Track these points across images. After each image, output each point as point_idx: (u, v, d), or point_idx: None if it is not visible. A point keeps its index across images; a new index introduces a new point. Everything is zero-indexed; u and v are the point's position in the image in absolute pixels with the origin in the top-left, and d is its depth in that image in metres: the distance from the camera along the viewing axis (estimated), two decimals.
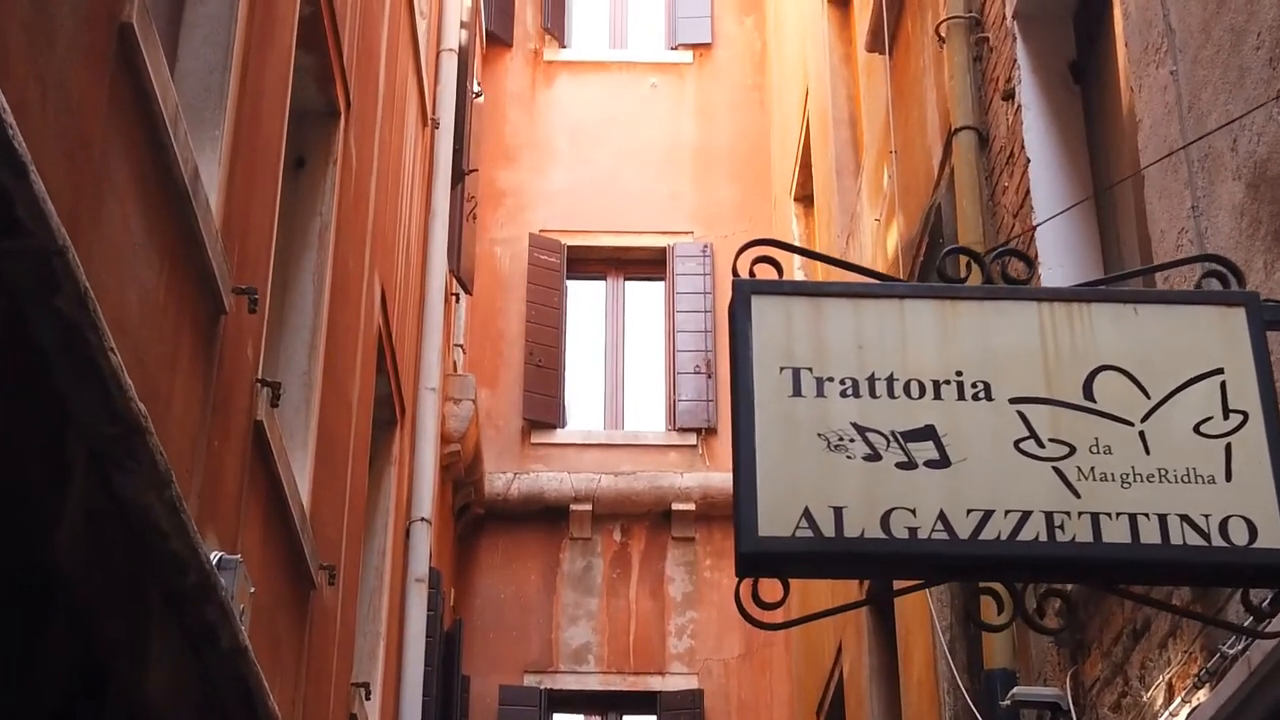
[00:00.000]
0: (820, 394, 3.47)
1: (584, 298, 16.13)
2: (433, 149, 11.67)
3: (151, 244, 4.50)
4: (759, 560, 3.35)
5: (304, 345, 7.28)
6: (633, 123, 16.50)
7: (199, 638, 4.77)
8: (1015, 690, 6.04)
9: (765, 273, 3.64)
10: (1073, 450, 3.51)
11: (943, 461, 3.44)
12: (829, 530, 3.33)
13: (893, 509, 3.38)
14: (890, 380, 3.51)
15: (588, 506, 14.79)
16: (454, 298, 13.50)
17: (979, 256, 3.79)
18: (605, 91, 16.69)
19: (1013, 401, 3.54)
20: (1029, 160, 6.59)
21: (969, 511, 3.40)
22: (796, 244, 13.99)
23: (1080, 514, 3.45)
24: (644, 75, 16.80)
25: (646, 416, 15.58)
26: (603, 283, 16.21)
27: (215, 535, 5.27)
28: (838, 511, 3.35)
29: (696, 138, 16.48)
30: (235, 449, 5.62)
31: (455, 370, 13.54)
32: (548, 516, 14.83)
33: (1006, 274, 3.74)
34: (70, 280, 3.32)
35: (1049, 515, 3.43)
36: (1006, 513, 3.42)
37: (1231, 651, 4.26)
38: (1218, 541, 3.48)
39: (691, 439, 15.16)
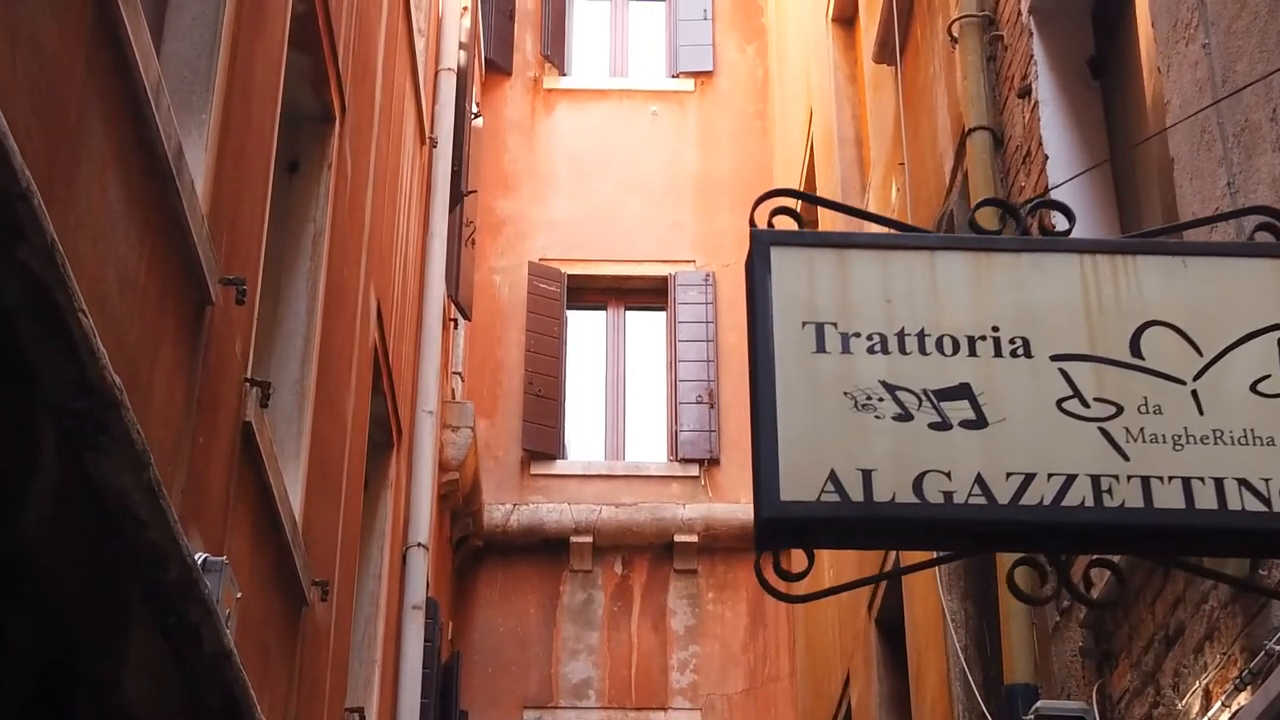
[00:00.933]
0: (846, 350, 3.23)
1: (584, 327, 15.90)
2: (430, 168, 11.45)
3: (132, 220, 4.26)
4: (781, 527, 3.09)
5: (296, 353, 7.04)
6: (633, 151, 16.29)
7: (181, 639, 4.50)
8: (1039, 705, 5.77)
9: (784, 228, 3.39)
10: (1120, 410, 3.26)
11: (979, 422, 3.19)
12: (857, 494, 3.08)
13: (926, 472, 3.12)
14: (921, 336, 3.26)
15: (588, 538, 14.51)
16: (452, 323, 13.26)
17: (1014, 208, 3.55)
18: (606, 119, 16.49)
19: (1054, 359, 3.29)
20: (1047, 157, 6.37)
21: (1009, 475, 3.15)
22: None
23: (1129, 478, 3.19)
24: (645, 103, 16.60)
25: (648, 447, 15.31)
26: (603, 313, 15.97)
27: (200, 536, 5.02)
28: (866, 475, 3.10)
29: (698, 166, 16.27)
30: (222, 449, 5.37)
31: (454, 398, 13.29)
32: (548, 548, 14.55)
33: (1044, 228, 3.50)
34: (36, 230, 3.08)
35: (1095, 479, 3.18)
36: (1049, 476, 3.16)
37: (1279, 648, 4.00)
38: None
39: (694, 470, 14.90)
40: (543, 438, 14.94)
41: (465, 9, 12.58)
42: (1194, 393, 3.29)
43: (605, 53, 17.23)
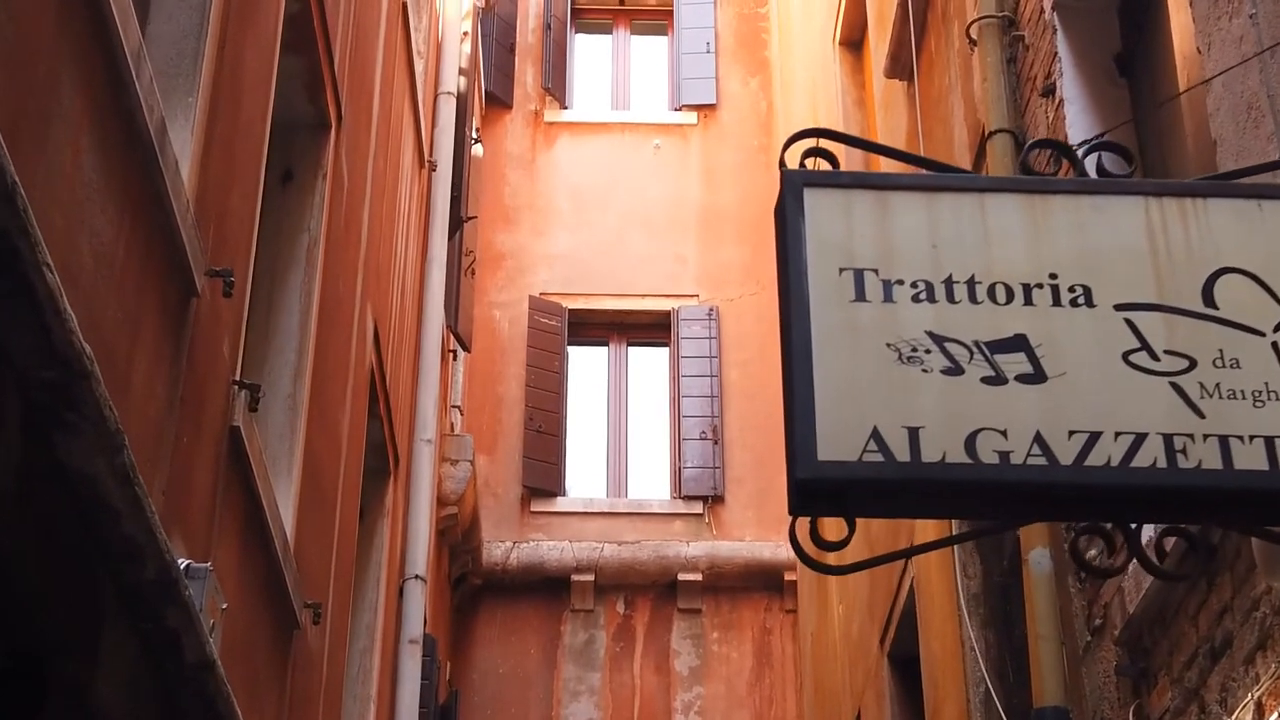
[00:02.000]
0: (888, 298, 2.93)
1: (586, 363, 15.60)
2: (430, 192, 11.18)
3: (109, 192, 3.98)
4: (819, 489, 2.78)
5: (289, 366, 6.75)
6: (636, 184, 16.03)
7: (159, 646, 4.19)
8: None
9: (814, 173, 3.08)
10: (1193, 364, 2.95)
11: (1037, 376, 2.89)
12: (903, 454, 2.78)
13: (979, 430, 2.82)
14: (971, 283, 2.96)
15: (590, 577, 14.16)
16: (451, 355, 12.97)
17: (1069, 150, 3.26)
18: (607, 152, 16.24)
19: (1119, 308, 2.99)
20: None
21: (1071, 433, 2.84)
22: None
23: (1206, 437, 2.88)
24: (647, 136, 16.36)
25: (651, 484, 14.99)
26: (605, 348, 15.68)
27: (183, 541, 4.72)
28: (913, 433, 2.80)
29: (702, 199, 16.01)
30: (207, 452, 5.07)
31: (453, 431, 12.98)
32: (548, 587, 14.19)
33: (1103, 171, 3.21)
34: None
35: (1168, 438, 2.87)
36: (1117, 435, 2.85)
37: None
38: None
39: (698, 507, 14.57)
40: (543, 474, 14.62)
41: (465, 34, 12.34)
42: (1275, 344, 2.99)
43: (607, 86, 17.01)
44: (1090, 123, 6.20)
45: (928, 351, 2.89)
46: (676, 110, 16.53)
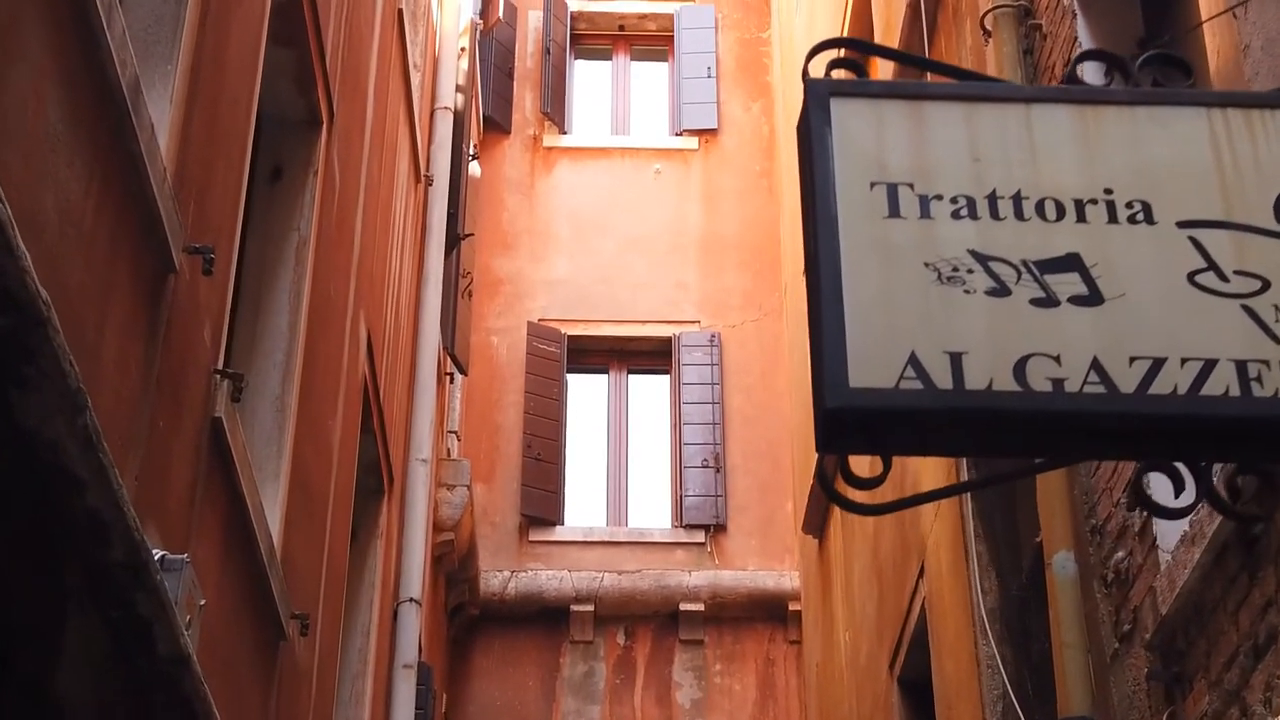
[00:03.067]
0: (925, 214, 2.64)
1: (585, 390, 15.32)
2: (426, 207, 10.92)
3: (77, 147, 3.71)
4: (851, 421, 2.49)
5: (277, 368, 6.47)
6: (636, 209, 15.78)
7: (129, 637, 3.90)
8: None
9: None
10: (1266, 285, 2.67)
11: (1093, 297, 2.61)
12: (944, 381, 2.49)
13: (1029, 355, 2.53)
14: (1017, 199, 2.68)
15: (589, 607, 13.84)
16: (448, 377, 12.69)
17: (1123, 61, 2.99)
18: (608, 178, 15.99)
19: (1182, 225, 2.71)
20: None
21: (1132, 360, 2.55)
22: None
23: None
24: (648, 161, 16.11)
25: (651, 513, 14.67)
26: (605, 376, 15.39)
27: (158, 533, 4.43)
28: (955, 358, 2.51)
29: (703, 225, 15.75)
30: (186, 442, 4.78)
31: (449, 456, 12.69)
32: (547, 618, 13.86)
33: (1159, 85, 2.93)
34: None
35: (1241, 365, 2.58)
36: (1183, 361, 2.57)
37: None
38: None
39: (699, 536, 14.25)
40: (542, 503, 14.31)
41: (463, 50, 12.11)
42: None
43: (607, 110, 16.77)
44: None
45: (970, 271, 2.61)
46: (677, 135, 16.29)
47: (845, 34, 11.22)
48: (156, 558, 4.11)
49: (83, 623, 3.71)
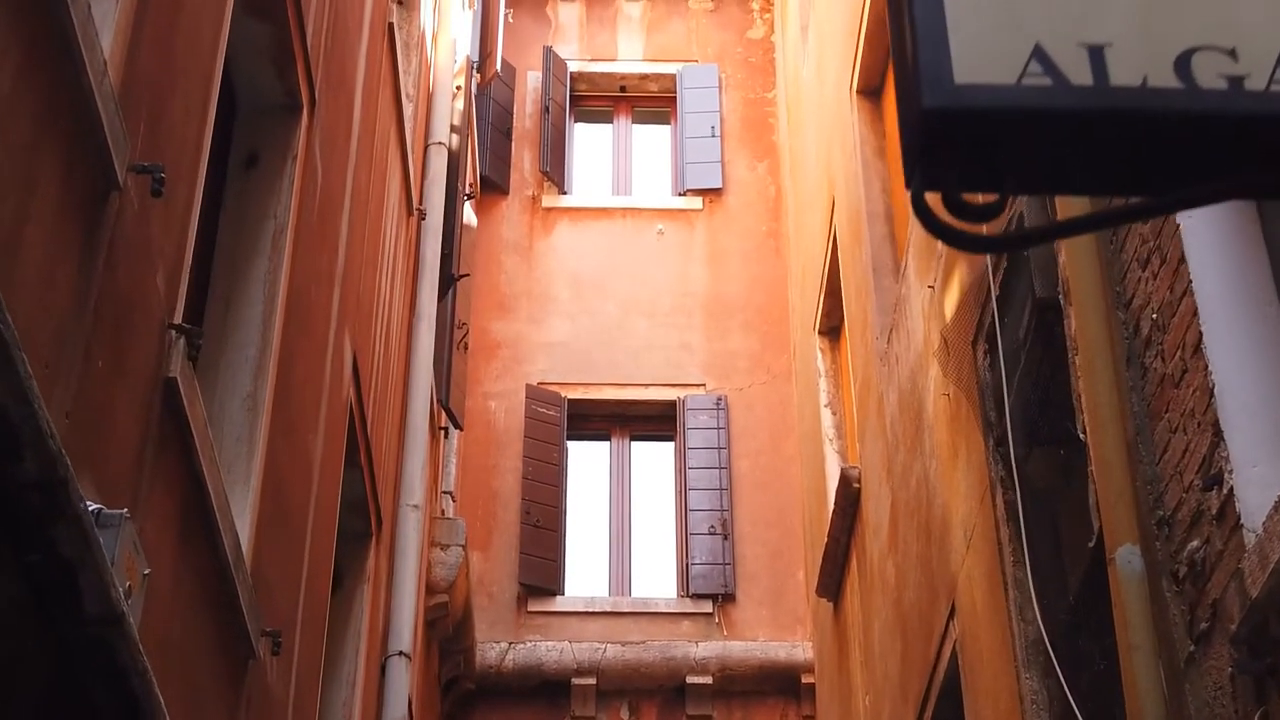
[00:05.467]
0: None
1: (586, 455, 14.67)
2: (419, 242, 10.35)
3: None
4: (958, 126, 1.85)
5: (249, 363, 5.87)
6: (639, 271, 15.22)
7: (49, 587, 3.26)
8: None
9: None
10: None
11: None
12: (1081, 76, 1.87)
13: (1194, 49, 1.91)
14: None
15: (591, 680, 13.10)
16: (442, 432, 12.06)
17: None
18: (608, 238, 15.44)
19: None
20: None
21: None
22: (823, 379, 12.62)
23: None
24: (650, 221, 15.57)
25: (656, 582, 13.97)
26: (606, 443, 14.75)
27: (94, 487, 3.79)
28: (1095, 51, 1.89)
29: (708, 286, 15.18)
30: (133, 396, 4.16)
31: (443, 516, 12.03)
32: (547, 692, 13.12)
33: None
34: None
35: None
36: None
37: None
38: None
39: (707, 606, 13.55)
40: (541, 571, 13.62)
41: (458, 90, 11.60)
42: None
43: (607, 170, 16.26)
44: None
45: None
46: (681, 195, 15.78)
47: (859, 61, 10.71)
48: (91, 510, 3.48)
49: None
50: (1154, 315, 5.15)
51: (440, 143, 10.85)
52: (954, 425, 8.01)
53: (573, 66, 16.44)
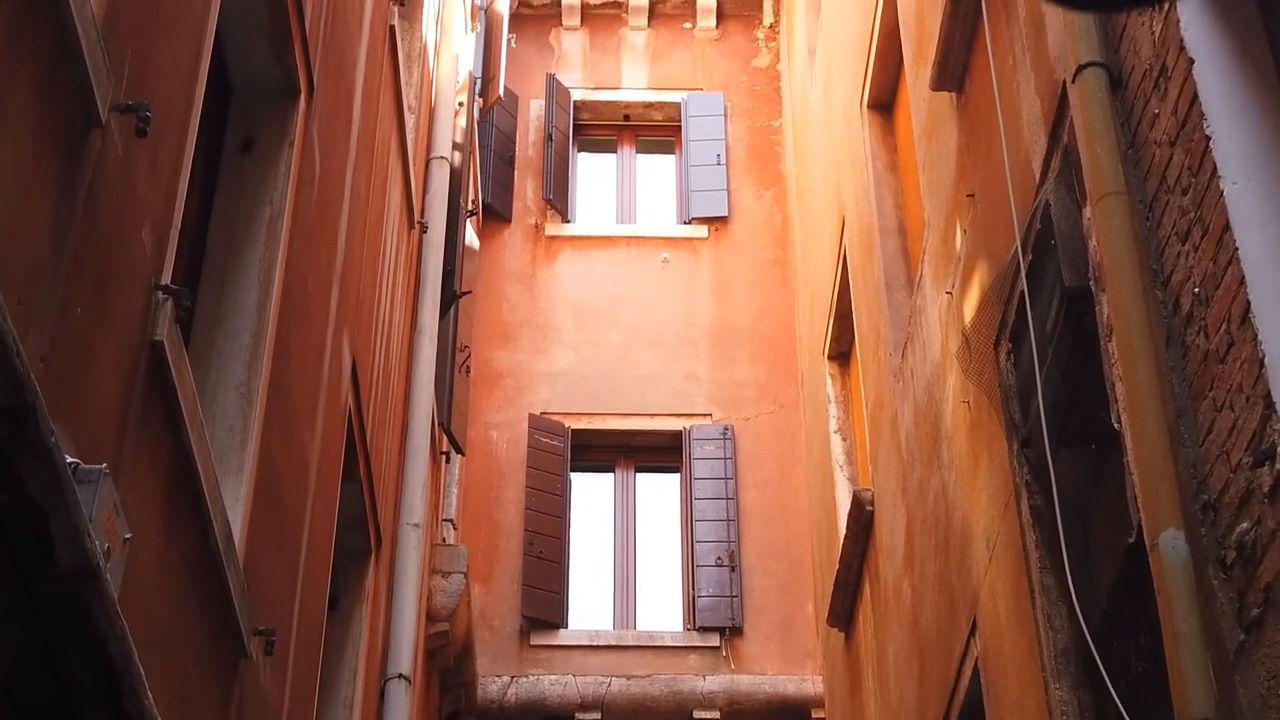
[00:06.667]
0: None
1: (590, 486, 14.38)
2: (420, 255, 10.10)
3: None
4: None
5: (243, 351, 5.61)
6: (643, 300, 14.96)
7: (17, 535, 2.98)
8: None
9: None
10: None
11: None
12: None
13: None
14: None
15: (596, 715, 12.77)
16: (443, 457, 11.77)
17: None
18: (613, 267, 15.19)
19: None
20: (1191, 61, 5.01)
21: None
22: (832, 404, 12.35)
23: None
24: (655, 250, 15.32)
25: (662, 615, 13.65)
26: (610, 475, 14.45)
27: (72, 442, 3.52)
28: None
29: (714, 315, 14.92)
30: (116, 351, 3.89)
31: (444, 543, 11.73)
32: None
33: None
34: None
35: None
36: None
37: None
38: None
39: (714, 639, 13.22)
40: (544, 604, 13.31)
41: (461, 106, 11.38)
42: None
43: (611, 199, 16.02)
44: (1210, 25, 5.14)
45: None
46: (686, 223, 15.53)
47: (870, 74, 10.48)
48: (69, 464, 3.20)
49: None
50: (1195, 289, 4.89)
51: (443, 157, 10.61)
52: (974, 433, 7.74)
53: (576, 95, 16.23)
